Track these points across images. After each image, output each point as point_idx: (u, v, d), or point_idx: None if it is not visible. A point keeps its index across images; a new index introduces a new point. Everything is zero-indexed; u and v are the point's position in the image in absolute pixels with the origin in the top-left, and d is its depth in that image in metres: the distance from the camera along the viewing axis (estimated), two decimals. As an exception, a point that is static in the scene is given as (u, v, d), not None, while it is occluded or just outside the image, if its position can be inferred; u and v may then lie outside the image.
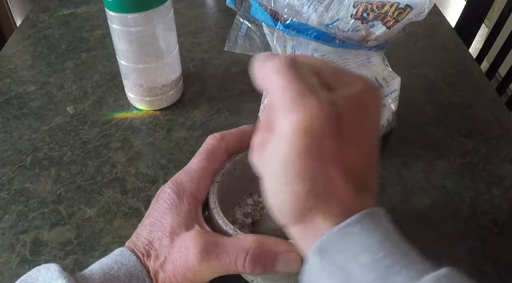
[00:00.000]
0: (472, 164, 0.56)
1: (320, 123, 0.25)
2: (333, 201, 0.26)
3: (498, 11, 1.14)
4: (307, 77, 0.27)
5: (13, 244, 0.49)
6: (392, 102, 0.55)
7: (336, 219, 0.26)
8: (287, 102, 0.26)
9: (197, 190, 0.36)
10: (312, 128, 0.25)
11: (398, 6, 0.47)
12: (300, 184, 0.26)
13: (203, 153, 0.37)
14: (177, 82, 0.65)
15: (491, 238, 0.48)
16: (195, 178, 0.36)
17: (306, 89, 0.26)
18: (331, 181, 0.26)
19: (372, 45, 0.50)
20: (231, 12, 0.53)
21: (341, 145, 0.26)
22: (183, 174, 0.36)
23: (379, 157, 0.30)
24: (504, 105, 0.66)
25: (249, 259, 0.31)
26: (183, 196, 0.35)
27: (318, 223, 0.27)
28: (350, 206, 0.27)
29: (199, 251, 0.32)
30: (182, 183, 0.36)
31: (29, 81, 0.71)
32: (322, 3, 0.49)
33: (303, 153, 0.25)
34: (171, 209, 0.35)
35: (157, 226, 0.34)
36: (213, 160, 0.37)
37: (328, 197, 0.26)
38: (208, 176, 0.37)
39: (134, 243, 0.35)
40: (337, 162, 0.26)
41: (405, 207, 0.52)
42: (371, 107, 0.28)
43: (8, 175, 0.56)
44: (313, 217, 0.27)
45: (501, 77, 0.99)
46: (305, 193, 0.26)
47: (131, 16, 0.55)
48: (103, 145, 0.60)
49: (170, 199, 0.35)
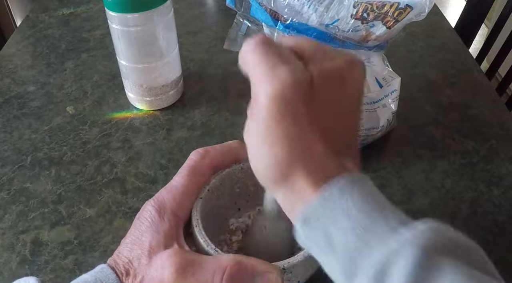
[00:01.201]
0: (472, 164, 0.56)
1: (292, 90, 0.27)
2: (312, 162, 0.28)
3: (498, 11, 1.14)
4: (281, 52, 0.29)
5: (13, 244, 0.49)
6: (392, 102, 0.55)
7: (316, 179, 0.27)
8: (261, 75, 0.28)
9: (178, 208, 0.35)
10: (284, 94, 0.27)
11: (398, 6, 0.47)
12: (280, 147, 0.28)
13: (186, 170, 0.37)
14: (177, 82, 0.65)
15: (491, 238, 0.48)
16: (177, 196, 0.36)
17: (278, 61, 0.28)
18: (309, 143, 0.28)
19: (372, 45, 0.50)
20: (231, 12, 0.53)
21: (316, 110, 0.28)
22: (165, 192, 0.36)
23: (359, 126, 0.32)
24: (504, 105, 0.66)
25: (226, 278, 0.31)
26: (164, 214, 0.35)
27: (300, 184, 0.28)
28: (328, 167, 0.28)
29: (175, 270, 0.31)
30: (163, 201, 0.35)
31: (29, 81, 0.71)
32: (322, 3, 0.49)
33: (279, 118, 0.27)
34: (152, 227, 0.34)
35: (137, 245, 0.34)
36: (197, 176, 0.37)
37: (307, 158, 0.28)
38: (190, 193, 0.36)
39: (115, 260, 0.34)
40: (313, 125, 0.28)
41: (405, 207, 0.51)
42: (349, 79, 0.29)
43: (8, 175, 0.56)
44: (294, 179, 0.28)
45: (501, 77, 0.99)
46: (285, 155, 0.28)
47: (131, 16, 0.55)
48: (103, 145, 0.60)
49: (151, 217, 0.35)
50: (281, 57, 0.28)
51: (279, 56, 0.28)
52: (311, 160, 0.28)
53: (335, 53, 0.30)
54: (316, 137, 0.28)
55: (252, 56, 0.29)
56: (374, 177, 0.55)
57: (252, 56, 0.29)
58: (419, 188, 0.54)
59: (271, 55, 0.28)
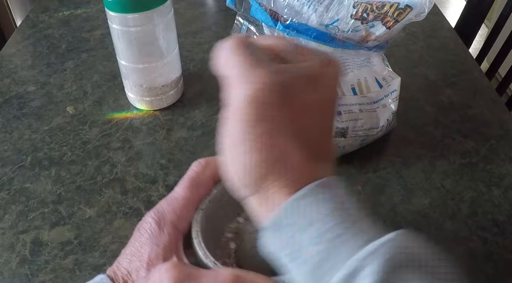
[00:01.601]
0: (472, 164, 0.56)
1: (266, 93, 0.26)
2: (287, 169, 0.27)
3: (498, 11, 1.14)
4: (255, 53, 0.28)
5: (13, 244, 0.49)
6: (392, 102, 0.55)
7: (290, 188, 0.27)
8: (236, 78, 0.27)
9: (178, 220, 0.35)
10: (258, 98, 0.26)
11: (398, 6, 0.47)
12: (255, 153, 0.27)
13: (187, 181, 0.37)
14: (177, 82, 0.65)
15: (491, 238, 0.48)
16: (177, 208, 0.35)
17: (252, 63, 0.27)
18: (285, 149, 0.27)
19: (372, 45, 0.50)
20: (231, 12, 0.53)
21: (292, 112, 0.27)
22: (165, 204, 0.36)
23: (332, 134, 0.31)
24: (504, 105, 0.66)
25: None
26: (163, 226, 0.35)
27: (274, 192, 0.27)
28: (304, 174, 0.27)
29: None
30: (163, 213, 0.35)
31: (29, 81, 0.71)
32: (322, 4, 0.49)
33: (255, 123, 0.26)
34: (151, 239, 0.34)
35: (136, 256, 0.34)
36: (198, 188, 0.37)
37: (281, 165, 0.27)
38: (191, 205, 0.36)
39: (114, 271, 0.34)
40: (289, 129, 0.27)
41: (405, 207, 0.52)
42: (323, 79, 0.29)
43: (8, 175, 0.56)
44: (268, 186, 0.27)
45: (501, 77, 0.99)
46: (259, 161, 0.27)
47: (131, 16, 0.55)
48: (103, 145, 0.60)
49: (151, 229, 0.35)
50: (256, 59, 0.28)
51: (254, 58, 0.28)
52: (287, 169, 0.27)
53: (310, 53, 0.30)
54: (292, 142, 0.27)
55: (226, 59, 0.28)
56: (374, 177, 0.55)
57: (226, 59, 0.28)
58: (419, 188, 0.54)
59: (246, 57, 0.28)
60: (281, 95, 0.27)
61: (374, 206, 0.51)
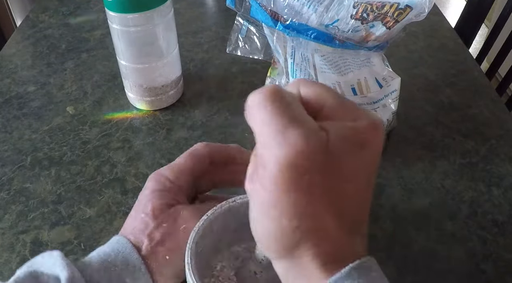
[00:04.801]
0: (472, 164, 0.56)
1: (305, 157, 0.23)
2: (322, 240, 0.25)
3: (498, 11, 1.14)
4: (293, 108, 0.25)
5: (13, 244, 0.49)
6: (392, 102, 0.55)
7: (325, 259, 0.25)
8: (269, 137, 0.24)
9: (175, 177, 0.38)
10: (297, 163, 0.23)
11: (398, 6, 0.47)
12: (287, 220, 0.24)
13: (186, 153, 0.41)
14: (177, 82, 0.65)
15: (491, 238, 0.48)
16: (175, 168, 0.39)
17: (289, 121, 0.24)
18: (320, 219, 0.24)
19: (372, 45, 0.50)
20: (231, 12, 0.53)
21: (333, 180, 0.24)
22: (164, 167, 0.40)
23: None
24: (504, 105, 0.66)
25: None
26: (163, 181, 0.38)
27: (306, 261, 0.25)
28: (340, 248, 0.25)
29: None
30: (161, 172, 0.39)
31: (29, 81, 0.71)
32: (322, 4, 0.49)
33: (289, 188, 0.24)
34: (152, 193, 0.38)
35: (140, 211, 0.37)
36: (195, 158, 0.40)
37: (316, 235, 0.25)
38: (188, 169, 0.39)
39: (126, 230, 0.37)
40: (327, 197, 0.24)
41: (405, 207, 0.52)
42: (370, 144, 0.26)
43: (8, 175, 0.56)
44: (300, 254, 0.25)
45: (501, 77, 0.99)
46: (292, 229, 0.24)
47: (131, 16, 0.55)
48: (103, 145, 0.60)
49: (151, 186, 0.38)
50: (294, 116, 0.24)
51: (291, 114, 0.24)
52: (322, 239, 0.25)
53: (357, 112, 0.26)
54: (329, 211, 0.24)
55: (259, 113, 0.24)
56: (374, 177, 0.55)
57: (259, 113, 0.24)
58: (419, 188, 0.54)
59: (282, 112, 0.24)
60: (322, 160, 0.24)
61: (374, 206, 0.51)
